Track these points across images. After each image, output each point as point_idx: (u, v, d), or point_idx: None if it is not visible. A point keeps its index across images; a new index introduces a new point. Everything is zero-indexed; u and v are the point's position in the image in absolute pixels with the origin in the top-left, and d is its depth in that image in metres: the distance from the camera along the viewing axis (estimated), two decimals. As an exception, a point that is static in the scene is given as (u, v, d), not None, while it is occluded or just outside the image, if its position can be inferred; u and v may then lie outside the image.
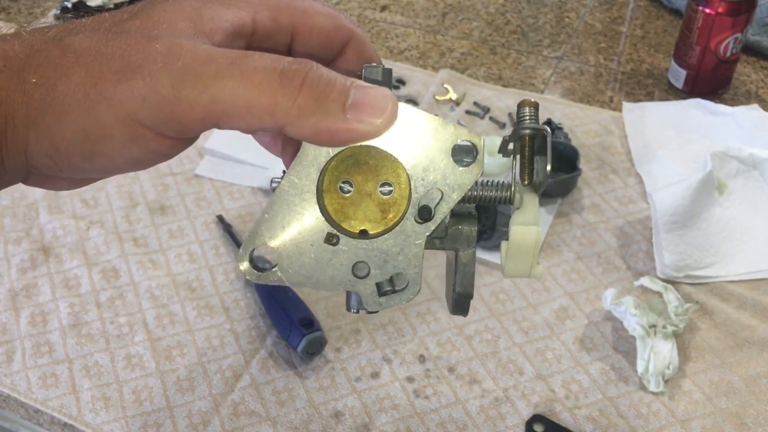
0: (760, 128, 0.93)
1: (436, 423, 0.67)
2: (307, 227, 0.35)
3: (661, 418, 0.67)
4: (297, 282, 0.36)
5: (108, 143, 0.32)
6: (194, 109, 0.31)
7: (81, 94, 0.31)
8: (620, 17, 1.21)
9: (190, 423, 0.67)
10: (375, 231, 0.36)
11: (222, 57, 0.31)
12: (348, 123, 0.32)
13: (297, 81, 0.31)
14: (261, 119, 0.31)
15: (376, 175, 0.35)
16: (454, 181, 0.35)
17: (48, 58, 0.32)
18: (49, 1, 1.25)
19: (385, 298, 0.36)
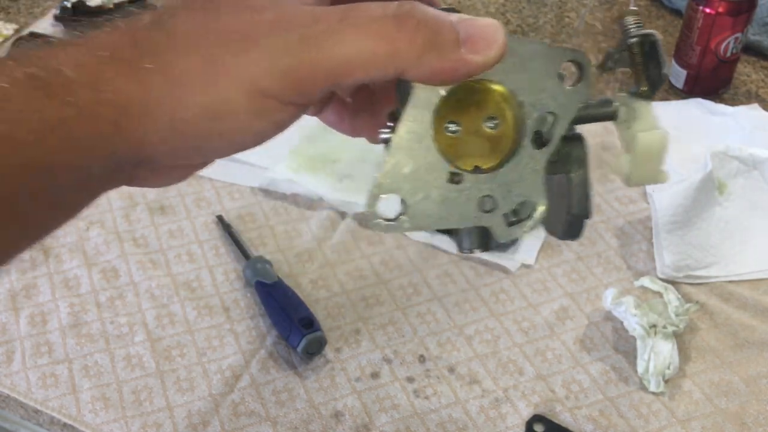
0: (760, 128, 0.93)
1: (436, 423, 0.67)
2: (430, 170, 0.35)
3: (662, 418, 0.67)
4: (426, 226, 0.36)
5: (233, 118, 0.31)
6: (316, 70, 0.31)
7: (200, 72, 0.31)
8: (620, 17, 1.21)
9: (189, 423, 0.67)
10: (488, 165, 0.36)
11: (330, 15, 0.31)
12: (464, 57, 0.32)
13: (411, 23, 0.31)
14: (382, 67, 0.31)
15: (480, 111, 0.35)
16: (565, 101, 0.35)
17: (155, 43, 0.31)
18: (48, 1, 1.25)
19: (515, 227, 0.37)
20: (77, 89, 0.30)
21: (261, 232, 0.84)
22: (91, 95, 0.30)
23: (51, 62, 0.30)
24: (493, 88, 0.35)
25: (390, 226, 0.36)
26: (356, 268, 0.80)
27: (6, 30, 1.18)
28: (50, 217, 0.33)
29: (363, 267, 0.80)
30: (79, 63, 0.31)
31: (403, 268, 0.80)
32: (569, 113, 0.36)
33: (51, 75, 0.30)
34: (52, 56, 0.31)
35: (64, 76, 0.30)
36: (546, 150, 0.36)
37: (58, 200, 0.32)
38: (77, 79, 0.30)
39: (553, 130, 0.36)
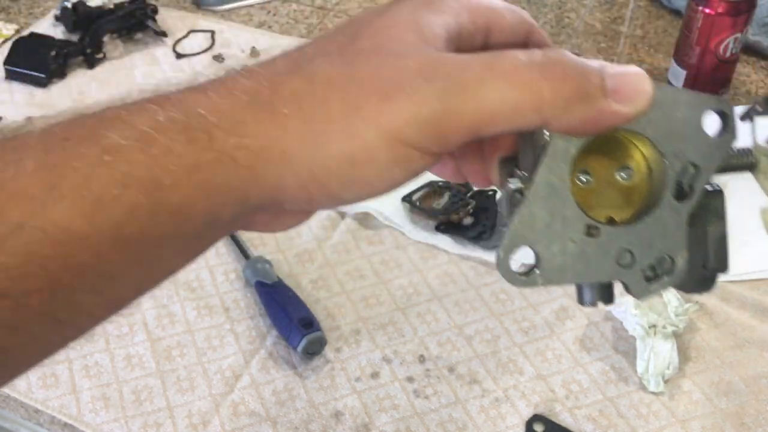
0: (759, 128, 0.93)
1: (436, 423, 0.67)
2: (567, 222, 0.34)
3: (661, 418, 0.67)
4: (560, 281, 0.34)
5: (372, 167, 0.31)
6: (461, 120, 0.30)
7: (343, 119, 0.30)
8: (620, 17, 1.21)
9: (190, 423, 0.67)
10: (621, 217, 0.35)
11: (475, 62, 0.31)
12: (611, 107, 0.31)
13: (558, 72, 0.30)
14: (527, 117, 0.30)
15: (613, 161, 0.34)
16: (708, 152, 0.34)
17: (295, 89, 0.31)
18: (49, 2, 1.25)
19: (653, 283, 0.35)
20: (217, 134, 0.30)
21: (261, 232, 0.84)
22: (229, 140, 0.30)
23: (192, 106, 0.30)
24: (630, 138, 0.34)
25: (522, 280, 0.34)
26: (356, 268, 0.80)
27: (6, 30, 1.18)
28: (174, 262, 0.33)
29: (363, 267, 0.81)
30: (219, 108, 0.30)
31: (403, 268, 0.80)
32: (713, 164, 0.34)
33: (192, 119, 0.30)
34: (193, 100, 0.31)
35: (205, 120, 0.30)
36: (688, 202, 0.34)
37: (184, 245, 0.32)
38: (217, 123, 0.30)
39: (696, 182, 0.34)
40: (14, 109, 1.03)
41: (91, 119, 0.30)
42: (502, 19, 0.36)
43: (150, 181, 0.29)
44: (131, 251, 0.29)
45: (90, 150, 0.28)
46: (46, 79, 1.07)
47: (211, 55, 1.12)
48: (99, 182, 0.28)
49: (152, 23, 1.14)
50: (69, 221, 0.27)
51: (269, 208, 0.33)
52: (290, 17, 1.23)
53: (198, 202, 0.30)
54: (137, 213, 0.29)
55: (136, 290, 0.32)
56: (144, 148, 0.29)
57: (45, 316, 0.28)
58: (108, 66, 1.11)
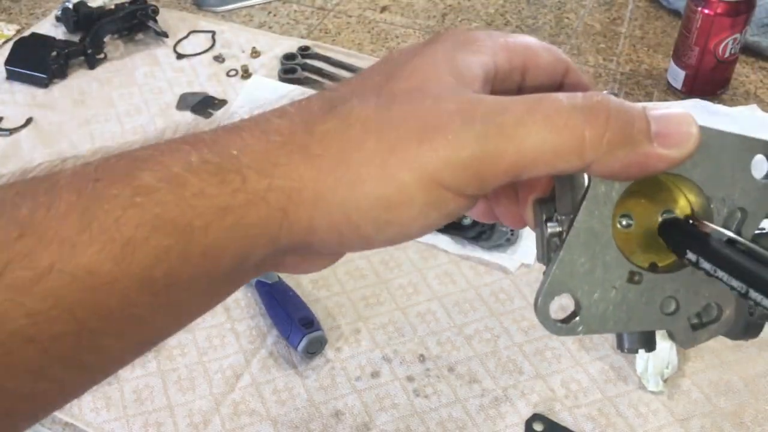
0: (758, 128, 0.94)
1: (435, 422, 0.67)
2: (609, 268, 0.33)
3: (660, 417, 0.67)
4: (601, 329, 0.33)
5: (406, 209, 0.30)
6: (500, 163, 0.29)
7: (378, 161, 0.30)
8: (619, 18, 1.21)
9: (190, 422, 0.67)
10: (664, 263, 0.33)
11: (515, 105, 0.30)
12: (656, 151, 0.30)
13: (602, 115, 0.29)
14: (568, 161, 0.30)
15: (656, 205, 0.33)
16: (757, 196, 0.32)
17: (330, 130, 0.30)
18: (50, 2, 1.25)
19: (699, 332, 0.34)
20: (250, 175, 0.29)
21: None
22: (262, 182, 0.29)
23: (226, 147, 0.30)
24: (673, 180, 0.32)
25: (562, 328, 0.33)
26: (356, 268, 0.81)
27: (7, 31, 1.19)
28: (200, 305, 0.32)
29: (363, 267, 0.81)
30: (252, 149, 0.30)
31: (403, 268, 0.81)
32: (763, 209, 0.33)
33: (225, 161, 0.29)
34: (226, 141, 0.30)
35: (238, 162, 0.29)
36: None
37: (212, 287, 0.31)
38: (250, 165, 0.30)
39: (745, 228, 0.33)
40: (15, 109, 1.03)
41: (124, 160, 0.29)
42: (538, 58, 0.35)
43: (181, 223, 0.28)
44: (159, 294, 0.29)
45: (122, 191, 0.28)
46: (47, 80, 1.07)
47: (211, 55, 1.13)
48: (130, 224, 0.27)
49: (153, 24, 1.14)
50: (98, 265, 0.27)
51: (299, 250, 0.32)
52: (290, 18, 1.23)
53: (228, 244, 0.29)
54: (167, 256, 0.28)
55: (161, 334, 0.32)
56: (176, 190, 0.28)
57: (70, 360, 0.28)
58: (109, 66, 1.11)
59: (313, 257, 0.34)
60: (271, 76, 1.07)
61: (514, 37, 0.35)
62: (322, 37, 1.18)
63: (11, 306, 0.26)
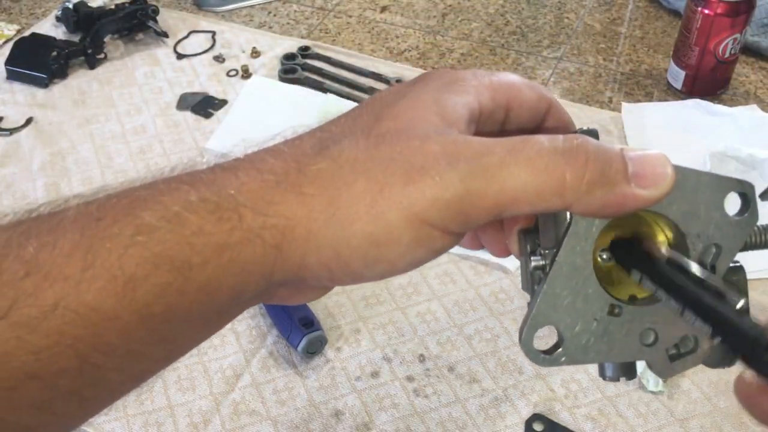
0: (758, 128, 0.94)
1: (435, 422, 0.67)
2: (589, 301, 0.34)
3: (660, 417, 0.67)
4: (583, 360, 0.34)
5: (394, 247, 0.32)
6: (484, 202, 0.31)
7: (368, 200, 0.31)
8: (619, 18, 1.21)
9: (190, 422, 0.67)
10: (643, 295, 0.35)
11: (499, 146, 0.31)
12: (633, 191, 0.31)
13: (582, 157, 0.31)
14: (549, 201, 0.31)
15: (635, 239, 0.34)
16: (731, 233, 0.34)
17: (321, 170, 0.32)
18: (50, 2, 1.25)
19: (677, 362, 0.35)
20: (246, 213, 0.31)
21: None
22: (257, 220, 0.31)
23: (223, 187, 0.31)
24: (653, 217, 0.34)
25: (546, 359, 0.34)
26: (356, 268, 0.81)
27: (8, 31, 1.19)
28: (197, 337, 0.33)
29: (363, 267, 0.81)
30: (248, 188, 0.31)
31: (403, 268, 0.80)
32: (735, 245, 0.34)
33: (223, 200, 0.31)
34: (223, 180, 0.32)
35: (235, 200, 0.31)
36: None
37: (209, 320, 0.32)
38: (246, 203, 0.31)
39: (719, 262, 0.34)
40: (16, 109, 1.04)
41: (125, 199, 0.31)
42: (522, 95, 0.37)
43: (180, 260, 0.29)
44: (158, 329, 0.30)
45: (123, 230, 0.29)
46: (47, 80, 1.07)
47: (211, 55, 1.13)
48: (131, 262, 0.29)
49: (153, 24, 1.14)
50: (101, 302, 0.28)
51: (291, 283, 0.33)
52: (291, 18, 1.23)
53: (225, 280, 0.31)
54: (166, 292, 0.29)
55: (158, 365, 0.33)
56: (176, 229, 0.30)
57: (72, 395, 0.29)
58: (109, 66, 1.11)
59: (304, 290, 0.35)
60: (271, 76, 1.08)
61: (498, 75, 0.37)
62: (322, 37, 1.18)
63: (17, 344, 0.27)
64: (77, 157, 0.96)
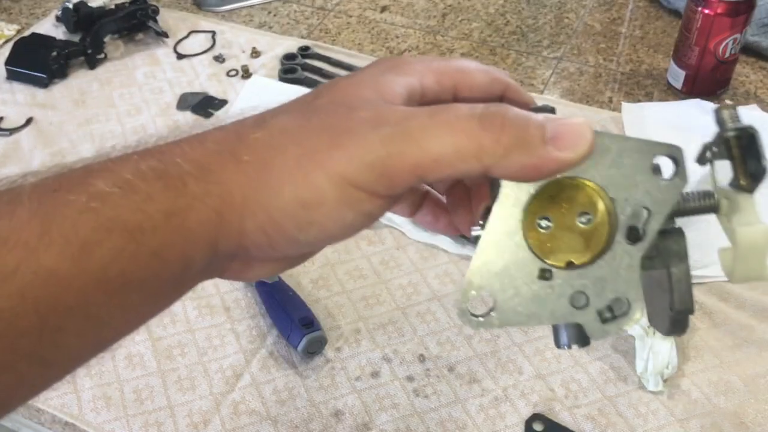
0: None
1: (435, 422, 0.67)
2: (520, 267, 0.35)
3: (660, 417, 0.67)
4: (518, 322, 0.36)
5: (322, 209, 0.33)
6: (404, 163, 0.32)
7: (296, 165, 0.33)
8: (619, 18, 1.21)
9: (190, 422, 0.67)
10: (581, 261, 0.36)
11: (422, 112, 0.33)
12: (551, 154, 0.33)
13: (498, 122, 0.32)
14: (468, 163, 0.32)
15: (573, 207, 0.35)
16: (660, 196, 0.35)
17: (258, 139, 0.34)
18: (50, 2, 1.25)
19: (609, 324, 0.36)
20: (190, 181, 0.32)
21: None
22: (200, 186, 0.32)
23: (170, 156, 0.33)
24: (586, 184, 0.35)
25: (480, 322, 0.36)
26: (356, 268, 0.81)
27: (8, 31, 1.19)
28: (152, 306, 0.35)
29: (363, 267, 0.81)
30: (191, 156, 0.33)
31: (403, 268, 0.81)
32: (664, 208, 0.35)
33: (169, 167, 0.32)
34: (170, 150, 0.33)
35: (180, 168, 0.32)
36: (641, 246, 0.35)
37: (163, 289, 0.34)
38: (191, 171, 0.33)
39: (648, 226, 0.35)
40: (16, 109, 1.04)
41: (79, 170, 0.32)
42: (472, 79, 0.38)
43: (133, 225, 0.31)
44: (113, 294, 0.31)
45: (78, 197, 0.31)
46: (47, 80, 1.07)
47: (212, 55, 1.13)
48: (86, 227, 0.30)
49: (153, 24, 1.14)
50: (58, 265, 0.29)
51: (239, 255, 0.35)
52: (291, 18, 1.23)
53: (174, 247, 0.32)
54: (120, 256, 0.31)
55: (117, 333, 0.34)
56: (127, 195, 0.31)
57: (33, 357, 0.30)
58: (109, 66, 1.11)
59: (254, 263, 0.37)
60: (271, 76, 1.08)
61: (447, 60, 0.38)
62: (322, 37, 1.18)
63: None
64: (77, 157, 0.95)
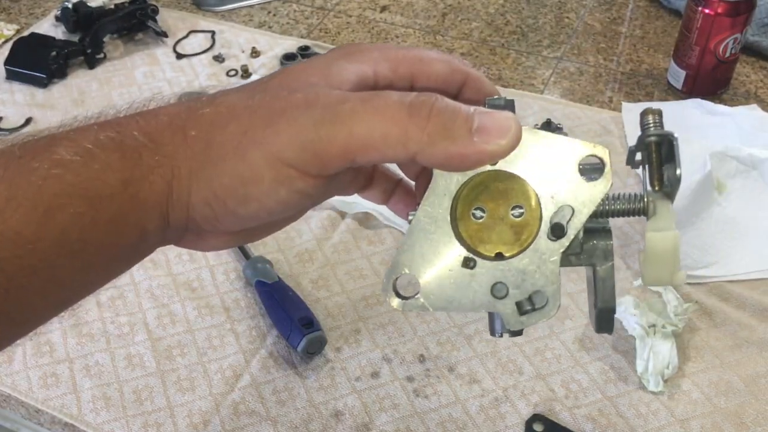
0: (759, 128, 0.93)
1: (435, 422, 0.67)
2: (445, 253, 0.36)
3: (661, 417, 0.67)
4: (439, 307, 0.37)
5: (259, 185, 0.35)
6: (333, 145, 0.34)
7: (234, 142, 0.34)
8: (619, 17, 1.21)
9: (190, 422, 0.67)
10: (510, 253, 0.37)
11: (354, 97, 0.34)
12: (476, 145, 0.34)
13: (425, 111, 0.34)
14: (394, 149, 0.34)
15: (507, 200, 0.36)
16: (584, 196, 0.36)
17: (204, 114, 0.36)
18: (49, 2, 1.25)
19: (526, 316, 0.37)
20: (144, 152, 0.34)
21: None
22: (153, 158, 0.34)
23: (127, 128, 0.35)
24: (519, 178, 0.36)
25: (404, 303, 0.37)
26: (356, 268, 0.81)
27: (7, 30, 1.19)
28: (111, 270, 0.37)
29: (363, 267, 0.81)
30: (146, 129, 0.35)
31: (403, 268, 0.80)
32: (588, 207, 0.36)
33: (126, 139, 0.34)
34: (127, 123, 0.35)
35: (136, 140, 0.34)
36: (561, 242, 0.36)
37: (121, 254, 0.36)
38: (145, 143, 0.34)
39: (571, 223, 0.36)
40: (15, 109, 1.03)
41: (43, 139, 0.34)
42: (430, 68, 0.39)
43: (93, 192, 0.33)
44: (74, 257, 0.33)
45: (41, 164, 0.33)
46: (46, 80, 1.07)
47: (211, 55, 1.12)
48: (49, 192, 0.32)
49: (153, 23, 1.14)
50: (23, 227, 0.32)
51: (190, 227, 0.37)
52: (290, 18, 1.23)
53: (129, 215, 0.34)
54: (80, 221, 0.33)
55: (77, 294, 0.36)
56: (87, 162, 0.33)
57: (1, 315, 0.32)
58: (108, 66, 1.11)
59: (206, 235, 0.38)
60: (270, 75, 1.07)
61: (406, 49, 0.39)
62: (322, 37, 1.18)
63: None
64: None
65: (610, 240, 0.38)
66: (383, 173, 0.44)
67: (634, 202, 0.38)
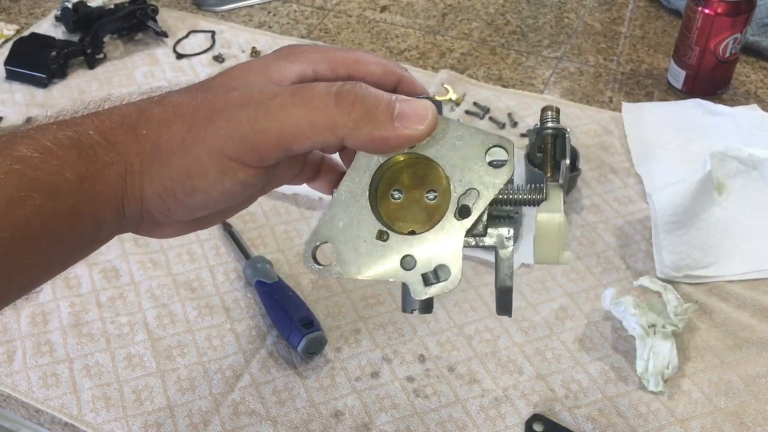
0: (759, 128, 0.93)
1: (435, 422, 0.67)
2: (361, 225, 0.40)
3: (661, 417, 0.67)
4: (353, 274, 0.40)
5: (204, 178, 0.38)
6: (268, 137, 0.37)
7: (180, 139, 0.38)
8: (619, 18, 1.21)
9: (190, 422, 0.67)
10: (422, 231, 0.41)
11: (284, 91, 0.38)
12: (396, 130, 0.37)
13: (350, 98, 0.37)
14: (324, 135, 0.37)
15: (423, 185, 0.41)
16: (489, 181, 0.40)
17: (153, 113, 0.39)
18: (49, 2, 1.25)
19: (430, 287, 0.40)
20: (99, 150, 0.37)
21: (261, 232, 0.84)
22: (107, 155, 0.37)
23: (84, 127, 0.37)
24: (434, 164, 0.40)
25: (321, 270, 0.41)
26: (356, 268, 0.80)
27: (7, 30, 1.19)
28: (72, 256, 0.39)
29: (363, 267, 0.81)
30: (100, 128, 0.38)
31: (403, 268, 0.80)
32: (491, 191, 0.40)
33: (83, 137, 0.37)
34: (84, 122, 0.38)
35: (92, 138, 0.37)
36: (467, 221, 0.40)
37: (80, 243, 0.39)
38: (100, 141, 0.37)
39: (476, 205, 0.40)
40: (15, 109, 1.03)
41: (5, 137, 0.37)
42: (366, 70, 0.42)
43: (51, 186, 0.36)
44: (35, 245, 0.36)
45: (3, 160, 0.35)
46: (46, 80, 1.07)
47: (211, 55, 1.13)
48: (11, 186, 0.35)
49: (153, 23, 1.14)
50: None
51: (145, 217, 0.40)
52: (290, 18, 1.23)
53: (86, 207, 0.37)
54: (40, 213, 0.35)
55: (40, 278, 0.39)
56: (46, 159, 0.36)
57: None
58: (108, 66, 1.11)
59: (160, 224, 0.41)
60: (270, 75, 1.07)
61: (345, 51, 0.43)
62: (322, 37, 1.18)
63: None
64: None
65: (510, 226, 0.42)
66: (330, 165, 0.46)
67: (535, 192, 0.42)
